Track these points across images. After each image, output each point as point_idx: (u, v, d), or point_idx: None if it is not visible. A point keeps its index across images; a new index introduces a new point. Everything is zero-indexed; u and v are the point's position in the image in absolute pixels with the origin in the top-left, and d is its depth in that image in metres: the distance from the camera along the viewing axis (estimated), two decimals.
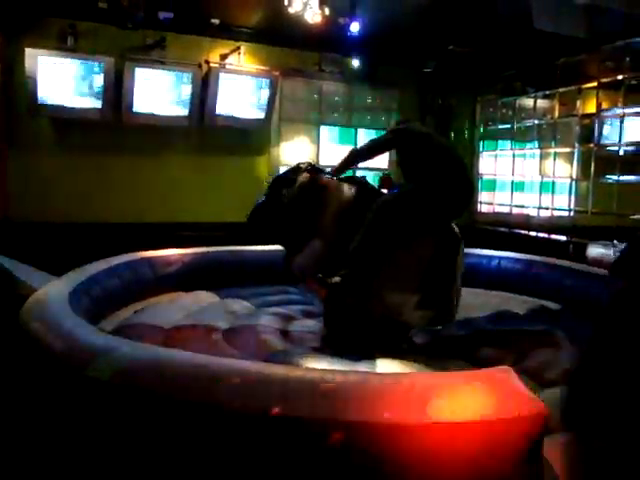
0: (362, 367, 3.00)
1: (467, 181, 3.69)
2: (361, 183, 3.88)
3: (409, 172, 3.72)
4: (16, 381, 2.58)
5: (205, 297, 4.55)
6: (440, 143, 3.82)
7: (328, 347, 3.42)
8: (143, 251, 4.69)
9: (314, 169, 3.93)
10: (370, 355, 3.22)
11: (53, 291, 3.03)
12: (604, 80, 6.42)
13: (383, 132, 7.97)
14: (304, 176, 3.84)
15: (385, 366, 3.08)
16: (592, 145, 6.69)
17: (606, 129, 6.89)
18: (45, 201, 5.92)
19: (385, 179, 4.12)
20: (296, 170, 3.91)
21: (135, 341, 2.34)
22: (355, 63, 7.36)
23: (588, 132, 6.87)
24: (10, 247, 4.72)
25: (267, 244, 4.81)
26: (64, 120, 6.03)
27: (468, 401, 1.55)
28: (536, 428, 1.53)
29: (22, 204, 5.83)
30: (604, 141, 6.78)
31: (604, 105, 6.74)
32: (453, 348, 3.46)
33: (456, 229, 3.70)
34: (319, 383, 1.64)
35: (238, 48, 6.77)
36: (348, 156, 3.92)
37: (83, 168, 6.20)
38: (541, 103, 7.76)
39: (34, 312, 2.58)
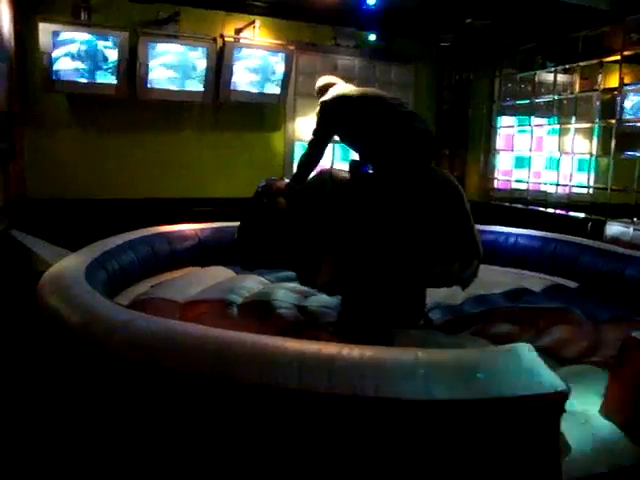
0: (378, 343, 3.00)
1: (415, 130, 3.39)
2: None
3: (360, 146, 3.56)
4: (34, 355, 2.61)
5: (221, 272, 4.56)
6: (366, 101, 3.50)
7: (344, 323, 3.42)
8: (159, 226, 4.70)
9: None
10: (387, 331, 3.21)
11: (70, 266, 3.05)
12: (627, 53, 6.25)
13: None
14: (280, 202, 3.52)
15: (402, 342, 3.07)
16: (613, 121, 6.55)
17: (628, 104, 6.74)
18: (61, 177, 5.94)
19: (355, 165, 3.67)
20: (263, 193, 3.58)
21: (151, 315, 2.34)
22: (371, 37, 7.25)
23: (609, 107, 6.73)
24: (27, 223, 4.76)
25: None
26: (79, 96, 6.01)
27: (487, 377, 1.53)
28: (556, 405, 1.51)
29: (38, 181, 5.85)
30: (626, 116, 6.64)
31: (627, 79, 6.58)
32: (470, 325, 3.45)
33: (449, 178, 3.51)
34: (336, 358, 1.63)
35: (253, 22, 6.68)
36: (299, 169, 3.59)
37: (98, 144, 6.20)
38: (561, 78, 7.59)
39: (51, 286, 2.60)
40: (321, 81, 3.78)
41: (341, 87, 3.63)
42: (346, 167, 3.71)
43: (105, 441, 1.97)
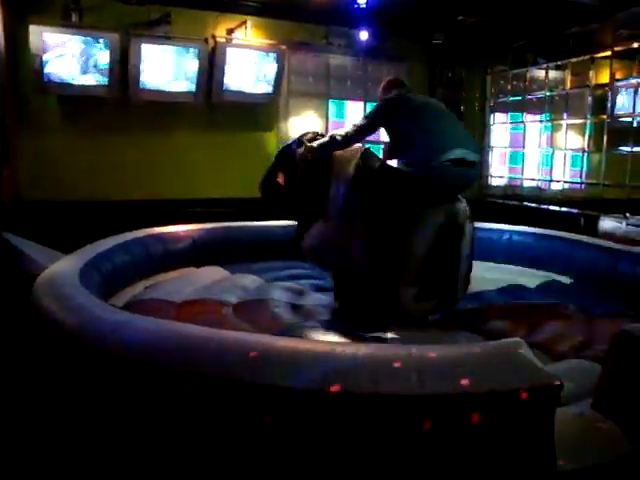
0: (373, 340, 3.01)
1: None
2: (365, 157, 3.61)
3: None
4: (29, 358, 2.61)
5: (215, 272, 4.56)
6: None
7: (339, 320, 3.42)
8: (153, 227, 4.70)
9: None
10: (381, 328, 3.22)
11: (64, 268, 3.04)
12: (618, 49, 6.28)
13: None
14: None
15: (396, 339, 3.08)
16: (605, 116, 6.58)
17: (620, 100, 6.78)
18: (55, 180, 5.93)
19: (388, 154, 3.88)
20: (302, 142, 3.76)
21: (146, 316, 2.35)
22: (363, 36, 7.26)
23: (601, 103, 6.76)
24: (21, 226, 4.74)
25: (282, 217, 4.70)
26: (72, 98, 6.01)
27: (479, 373, 1.54)
28: (548, 400, 1.52)
29: (32, 183, 5.83)
30: (617, 112, 6.67)
31: (618, 75, 6.62)
32: (464, 321, 3.46)
33: (461, 210, 3.50)
34: (330, 356, 1.64)
35: (244, 22, 6.68)
36: (330, 144, 3.58)
37: (92, 146, 6.19)
38: (553, 74, 7.64)
39: (46, 289, 2.60)
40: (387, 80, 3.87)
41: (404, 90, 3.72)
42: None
43: (102, 442, 1.97)
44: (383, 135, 4.07)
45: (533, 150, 7.90)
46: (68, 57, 5.75)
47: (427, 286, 3.37)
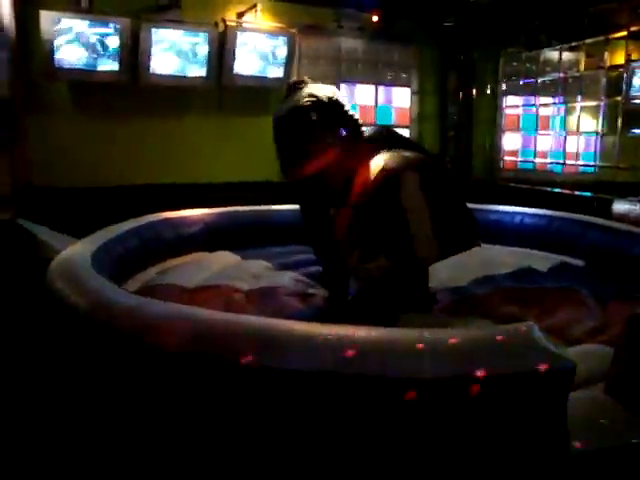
0: (385, 325, 3.01)
1: None
2: None
3: None
4: (43, 340, 2.64)
5: (228, 258, 4.57)
6: None
7: (350, 306, 3.43)
8: (165, 212, 4.71)
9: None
10: (393, 314, 3.22)
11: (77, 253, 3.06)
12: (634, 29, 6.17)
13: (404, 89, 7.87)
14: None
15: (408, 324, 3.08)
16: (620, 98, 6.48)
17: (635, 81, 6.67)
18: (66, 165, 5.94)
19: None
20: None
21: (158, 301, 2.36)
22: (374, 19, 7.19)
23: (616, 85, 6.66)
24: (33, 212, 4.78)
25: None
26: (82, 83, 6.01)
27: (492, 357, 1.54)
28: (561, 383, 1.51)
29: (43, 169, 5.85)
30: (633, 94, 6.57)
31: (634, 56, 6.51)
32: (476, 306, 3.45)
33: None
34: (342, 340, 1.64)
35: (254, 6, 6.63)
36: None
37: (103, 131, 6.20)
38: (567, 55, 7.52)
39: (59, 273, 2.61)
40: None
41: None
42: None
43: (113, 424, 1.99)
44: None
45: (546, 133, 7.82)
46: (78, 42, 5.74)
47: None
